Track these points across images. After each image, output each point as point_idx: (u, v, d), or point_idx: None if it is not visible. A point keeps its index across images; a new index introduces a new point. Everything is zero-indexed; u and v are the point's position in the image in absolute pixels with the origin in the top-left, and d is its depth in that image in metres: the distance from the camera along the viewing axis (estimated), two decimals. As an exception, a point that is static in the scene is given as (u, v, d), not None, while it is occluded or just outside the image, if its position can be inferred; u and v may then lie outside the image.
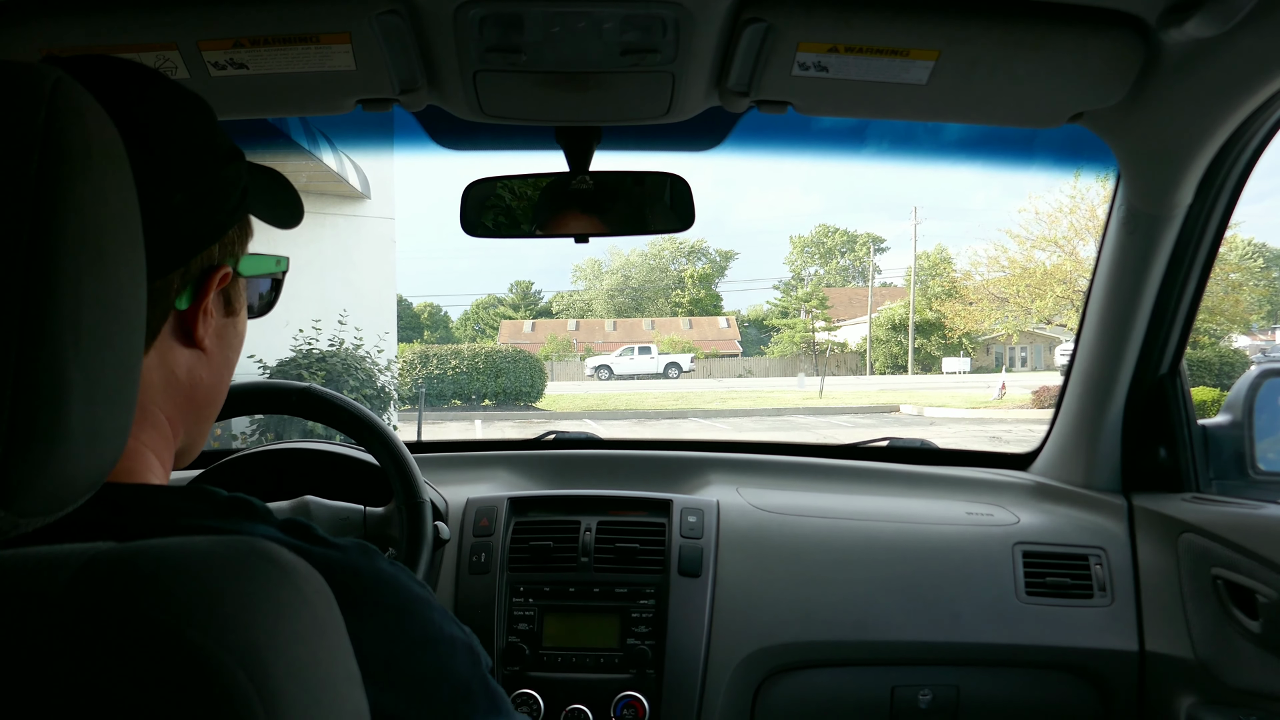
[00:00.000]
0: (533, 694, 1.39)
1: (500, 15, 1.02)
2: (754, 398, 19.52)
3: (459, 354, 17.25)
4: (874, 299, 34.44)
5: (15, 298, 0.39)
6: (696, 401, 18.77)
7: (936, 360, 31.80)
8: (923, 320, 31.64)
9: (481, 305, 48.96)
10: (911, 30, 1.06)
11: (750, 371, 32.59)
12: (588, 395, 21.05)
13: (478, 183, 1.39)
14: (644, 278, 47.00)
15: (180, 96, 0.60)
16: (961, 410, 15.70)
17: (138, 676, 0.36)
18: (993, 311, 21.29)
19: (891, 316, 32.66)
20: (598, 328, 40.16)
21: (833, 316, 36.06)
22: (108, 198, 0.44)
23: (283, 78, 1.12)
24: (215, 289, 0.62)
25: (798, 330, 35.41)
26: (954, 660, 1.46)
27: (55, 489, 0.42)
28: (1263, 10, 0.97)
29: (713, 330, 39.58)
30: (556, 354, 32.81)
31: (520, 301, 48.94)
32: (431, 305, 49.40)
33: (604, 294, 46.70)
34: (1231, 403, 1.50)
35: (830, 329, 35.02)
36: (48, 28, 1.04)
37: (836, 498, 1.69)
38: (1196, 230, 1.38)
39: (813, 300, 37.20)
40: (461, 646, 0.60)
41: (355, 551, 0.57)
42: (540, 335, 36.56)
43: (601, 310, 45.75)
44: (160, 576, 0.39)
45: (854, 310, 38.63)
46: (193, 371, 0.63)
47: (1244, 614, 1.26)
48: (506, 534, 1.51)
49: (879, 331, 32.64)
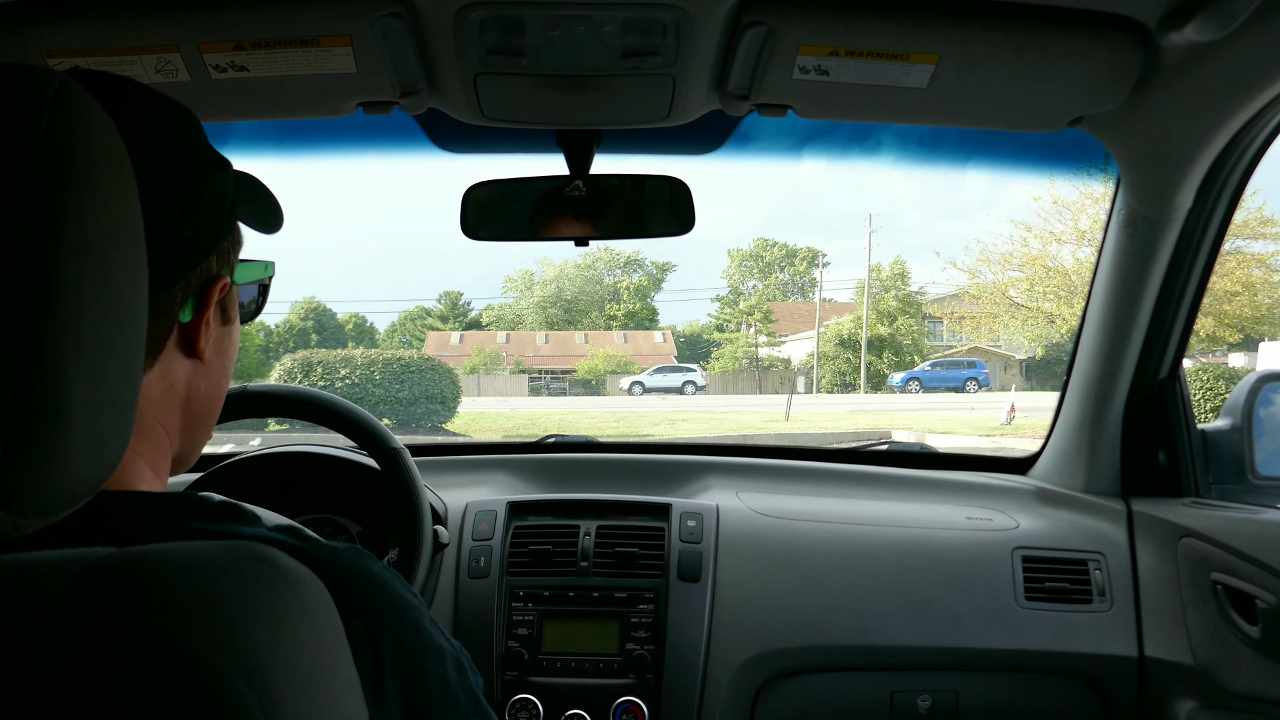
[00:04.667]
0: (532, 699, 1.38)
1: (501, 18, 1.02)
2: (707, 418, 16.86)
3: (350, 361, 14.31)
4: (819, 314, 32.92)
5: (17, 301, 0.39)
6: (640, 424, 15.70)
7: (886, 378, 29.25)
8: (874, 336, 29.86)
9: (409, 316, 47.34)
10: (912, 34, 1.06)
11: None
12: (514, 415, 17.88)
13: (478, 186, 1.39)
14: (578, 289, 44.42)
15: (166, 106, 0.60)
16: (972, 437, 13.46)
17: (137, 682, 0.36)
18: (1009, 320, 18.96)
19: (840, 331, 30.42)
20: (529, 340, 38.29)
21: (776, 331, 34.65)
22: (110, 202, 0.44)
23: (283, 80, 1.12)
24: (215, 300, 0.62)
25: (739, 345, 34.12)
26: (953, 665, 1.46)
27: (56, 491, 0.41)
28: (1262, 15, 0.98)
29: (648, 345, 37.29)
30: (485, 366, 31.30)
31: (449, 313, 47.09)
32: (357, 316, 47.70)
33: (536, 305, 44.55)
34: (1231, 407, 1.50)
35: (774, 344, 33.79)
36: (48, 30, 1.04)
37: (836, 502, 1.69)
38: (1196, 234, 1.38)
39: (756, 314, 35.02)
40: (449, 657, 0.60)
41: (349, 552, 0.57)
42: (468, 347, 34.84)
43: (533, 323, 43.66)
44: (160, 582, 0.39)
45: (796, 325, 36.81)
46: (191, 382, 0.63)
47: (1243, 619, 1.26)
48: (505, 538, 1.50)
49: (826, 347, 30.52)
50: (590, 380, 29.39)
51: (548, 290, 44.82)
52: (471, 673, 0.62)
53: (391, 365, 13.95)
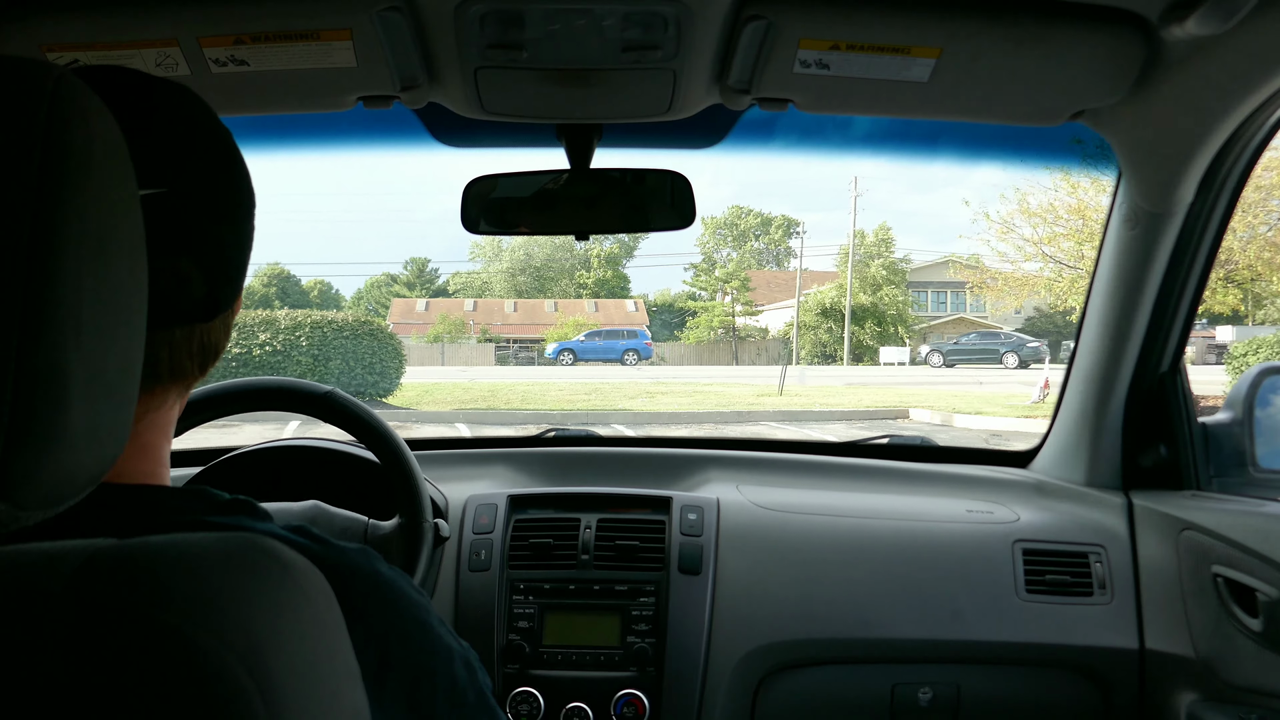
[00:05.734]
0: (533, 692, 1.39)
1: (501, 12, 1.02)
2: (690, 392, 15.51)
3: (272, 324, 12.14)
4: (799, 282, 31.86)
5: (16, 292, 0.39)
6: (616, 397, 14.34)
7: (870, 350, 28.77)
8: (857, 305, 28.96)
9: (375, 284, 46.42)
10: (913, 28, 1.06)
11: (664, 359, 29.20)
12: (473, 385, 16.35)
13: (478, 180, 1.39)
14: (547, 256, 43.71)
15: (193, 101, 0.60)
16: (1005, 419, 11.15)
17: (138, 673, 0.36)
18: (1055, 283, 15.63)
19: (822, 300, 29.51)
20: (497, 309, 37.17)
21: (753, 300, 33.76)
22: (109, 193, 0.44)
23: (283, 75, 1.12)
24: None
25: (716, 314, 33.16)
26: (954, 658, 1.46)
27: (56, 482, 0.41)
28: (1264, 8, 0.97)
29: (620, 314, 36.71)
30: (449, 334, 30.30)
31: (415, 279, 46.18)
32: (322, 283, 46.72)
33: (504, 273, 43.46)
34: (1232, 400, 1.50)
35: (751, 313, 32.82)
36: (48, 24, 1.04)
37: (837, 495, 1.69)
38: (1198, 228, 1.38)
39: (734, 281, 34.35)
40: (458, 656, 0.60)
41: (355, 553, 0.57)
42: (433, 315, 33.64)
43: (501, 290, 42.63)
44: (161, 573, 0.39)
45: (773, 294, 35.91)
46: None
47: (1244, 612, 1.26)
48: (506, 531, 1.51)
49: (806, 317, 29.70)
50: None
51: (516, 257, 43.67)
52: (480, 672, 0.62)
53: (321, 329, 12.04)
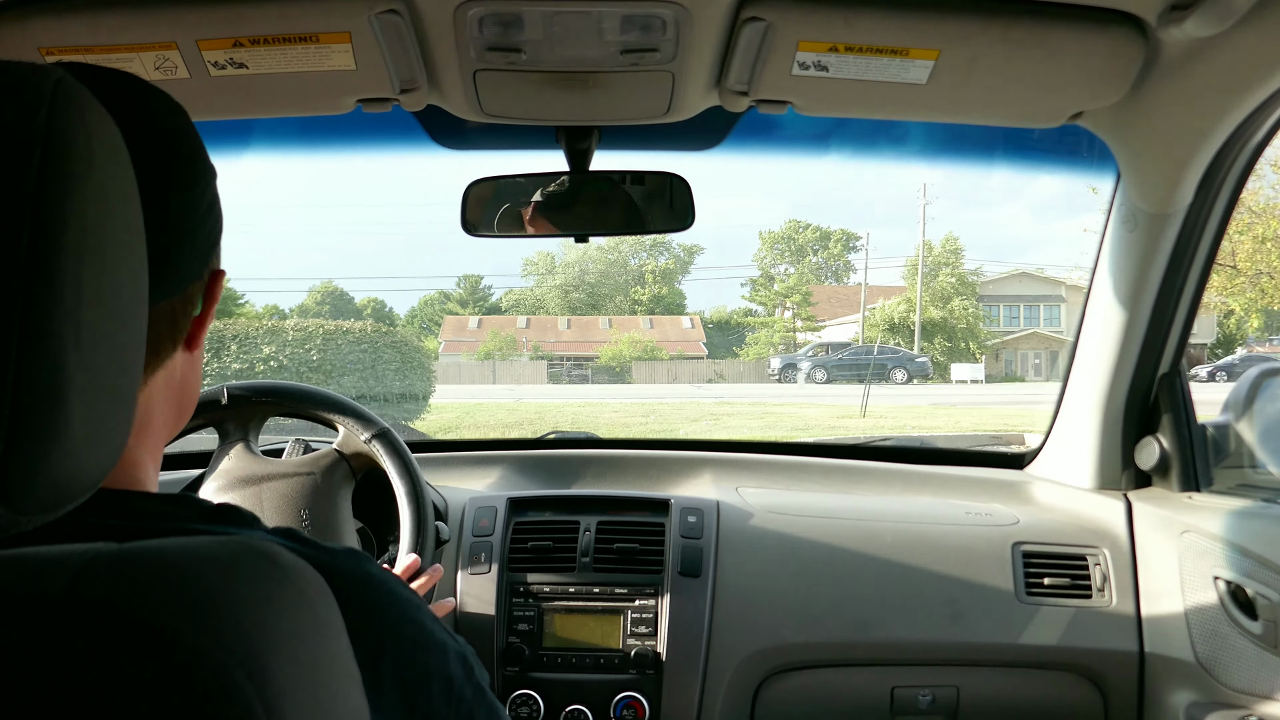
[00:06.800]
0: (532, 694, 1.39)
1: (500, 14, 1.02)
2: (759, 414, 14.06)
3: (277, 335, 10.51)
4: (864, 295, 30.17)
5: (16, 296, 0.39)
6: (674, 420, 13.09)
7: (939, 366, 26.46)
8: (925, 320, 27.34)
9: (428, 301, 45.84)
10: (911, 30, 1.06)
11: (721, 376, 28.00)
12: (520, 406, 14.94)
13: (478, 182, 1.39)
14: (601, 273, 42.81)
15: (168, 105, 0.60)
16: None
17: (137, 677, 0.36)
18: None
19: (889, 315, 27.82)
20: (550, 325, 36.71)
21: (814, 315, 32.88)
22: (109, 197, 0.44)
23: (282, 77, 1.12)
24: (220, 291, 0.63)
25: (777, 330, 32.56)
26: (954, 661, 1.46)
27: (55, 487, 0.41)
28: (1262, 9, 0.97)
29: (676, 330, 35.65)
30: (500, 352, 29.62)
31: (469, 297, 45.47)
32: (376, 300, 46.36)
33: (557, 289, 42.32)
34: (1232, 402, 1.50)
35: (813, 329, 31.96)
36: (47, 27, 1.04)
37: (836, 497, 1.69)
38: (1197, 229, 1.38)
39: (794, 295, 33.81)
40: (453, 653, 0.60)
41: (345, 555, 0.57)
42: (485, 332, 33.26)
43: (555, 307, 41.85)
44: (160, 577, 0.39)
45: (834, 310, 34.78)
46: (184, 374, 0.64)
47: (1244, 614, 1.26)
48: (506, 534, 1.51)
49: (872, 332, 27.81)
50: (614, 367, 28.03)
51: (570, 274, 43.06)
52: (477, 667, 0.62)
53: (335, 340, 10.25)
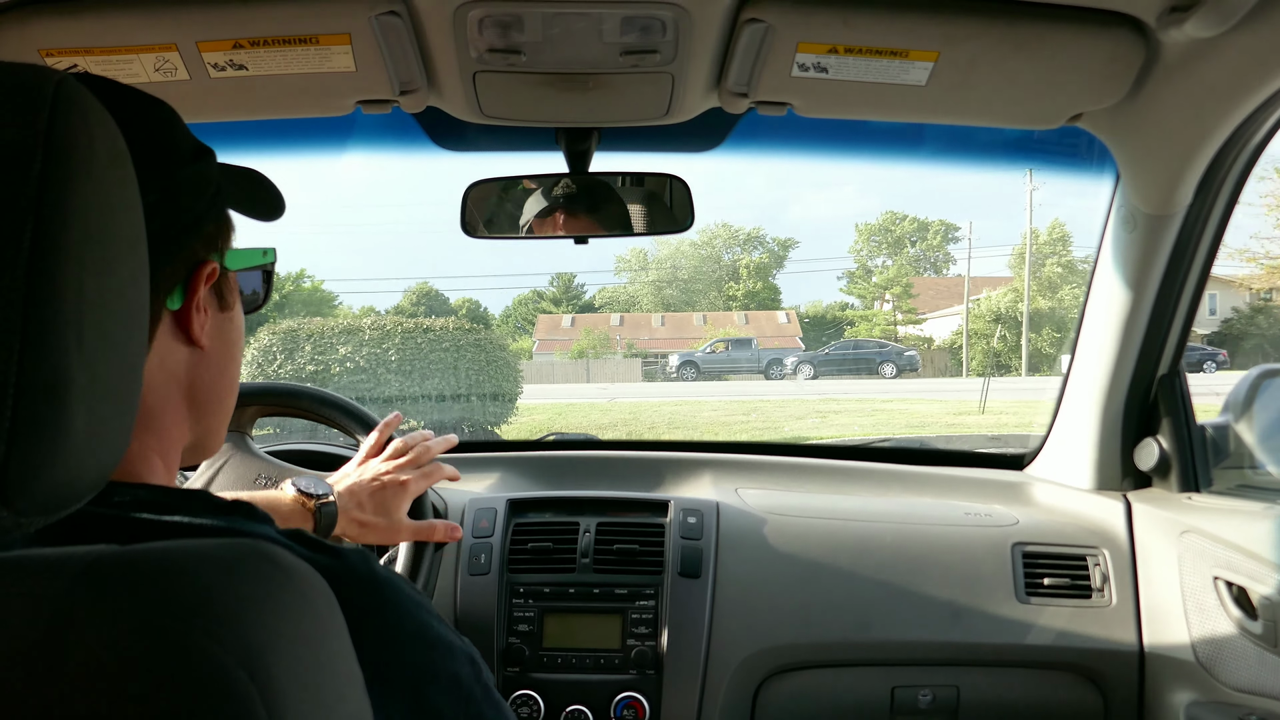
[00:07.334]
0: (533, 695, 1.39)
1: (499, 16, 1.02)
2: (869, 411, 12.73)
3: (355, 334, 9.92)
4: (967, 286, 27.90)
5: (18, 296, 0.39)
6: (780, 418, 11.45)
7: (1049, 358, 24.90)
8: (1033, 310, 25.20)
9: (522, 301, 44.86)
10: (911, 31, 1.06)
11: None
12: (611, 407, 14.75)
13: (477, 184, 1.39)
14: (694, 269, 41.44)
15: (136, 99, 0.60)
16: None
17: (141, 680, 0.36)
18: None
19: (995, 306, 25.78)
20: (644, 323, 35.73)
21: (916, 308, 31.31)
22: (110, 197, 0.44)
23: (282, 79, 1.12)
24: (204, 286, 0.62)
25: (877, 323, 31.07)
26: (954, 660, 1.46)
27: (57, 488, 0.41)
28: (1262, 10, 0.97)
29: (771, 325, 33.64)
30: (594, 350, 28.64)
31: (562, 295, 44.36)
32: (470, 300, 44.61)
33: (650, 286, 41.19)
34: (1231, 402, 1.50)
35: (915, 321, 30.65)
36: (47, 28, 1.04)
37: (836, 498, 1.69)
38: (1196, 230, 1.38)
39: (895, 287, 32.39)
40: (460, 653, 0.60)
41: (353, 557, 0.57)
42: (578, 331, 32.46)
43: (648, 304, 40.10)
44: (162, 579, 0.39)
45: (935, 302, 32.62)
46: (192, 370, 0.64)
47: (1243, 614, 1.26)
48: (506, 535, 1.51)
49: (977, 324, 26.12)
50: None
51: (663, 270, 42.12)
52: (483, 667, 0.62)
53: (414, 338, 9.76)
